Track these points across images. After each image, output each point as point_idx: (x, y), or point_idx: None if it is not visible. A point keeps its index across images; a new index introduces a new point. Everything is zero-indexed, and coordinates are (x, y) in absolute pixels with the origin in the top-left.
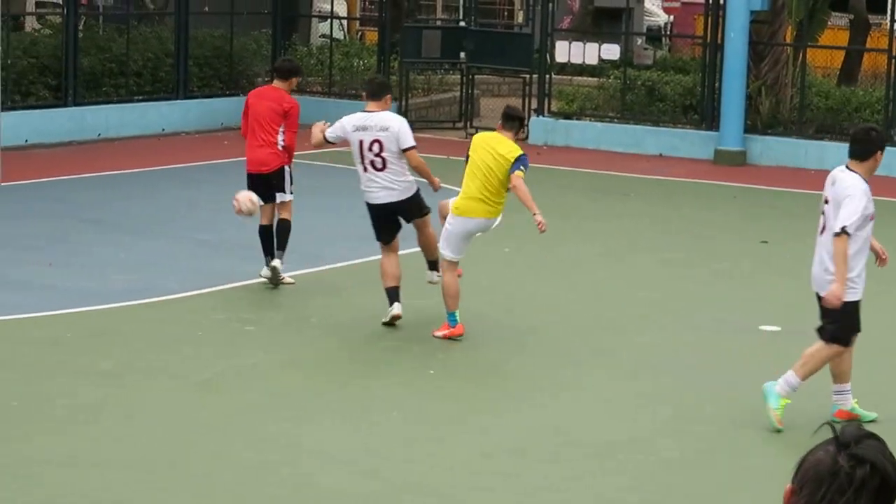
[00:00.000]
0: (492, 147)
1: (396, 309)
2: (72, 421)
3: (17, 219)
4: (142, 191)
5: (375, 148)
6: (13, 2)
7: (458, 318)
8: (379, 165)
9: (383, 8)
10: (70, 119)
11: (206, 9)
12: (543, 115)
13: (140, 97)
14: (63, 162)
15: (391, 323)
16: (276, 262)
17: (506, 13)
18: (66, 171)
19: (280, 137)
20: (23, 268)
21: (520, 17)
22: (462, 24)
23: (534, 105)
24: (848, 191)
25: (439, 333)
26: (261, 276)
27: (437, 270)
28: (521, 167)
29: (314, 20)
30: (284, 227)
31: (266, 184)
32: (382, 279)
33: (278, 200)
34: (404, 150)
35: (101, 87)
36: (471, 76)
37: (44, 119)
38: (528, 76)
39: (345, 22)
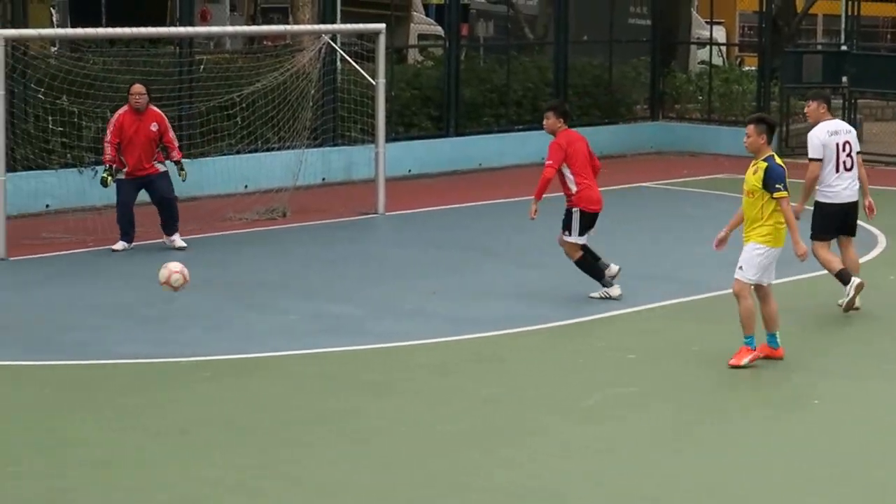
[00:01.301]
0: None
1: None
2: (456, 444)
3: (402, 247)
4: (521, 220)
5: (847, 148)
6: (396, 35)
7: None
8: (849, 165)
9: (763, 33)
10: (451, 149)
11: (585, 38)
12: None
13: (520, 127)
14: (445, 191)
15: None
16: None
17: (889, 35)
18: (448, 200)
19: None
20: (411, 296)
21: None
22: (843, 48)
23: None
24: None
25: (744, 360)
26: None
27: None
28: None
29: (692, 47)
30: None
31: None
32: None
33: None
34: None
35: (482, 118)
36: (853, 100)
37: (426, 149)
38: None
39: (723, 48)
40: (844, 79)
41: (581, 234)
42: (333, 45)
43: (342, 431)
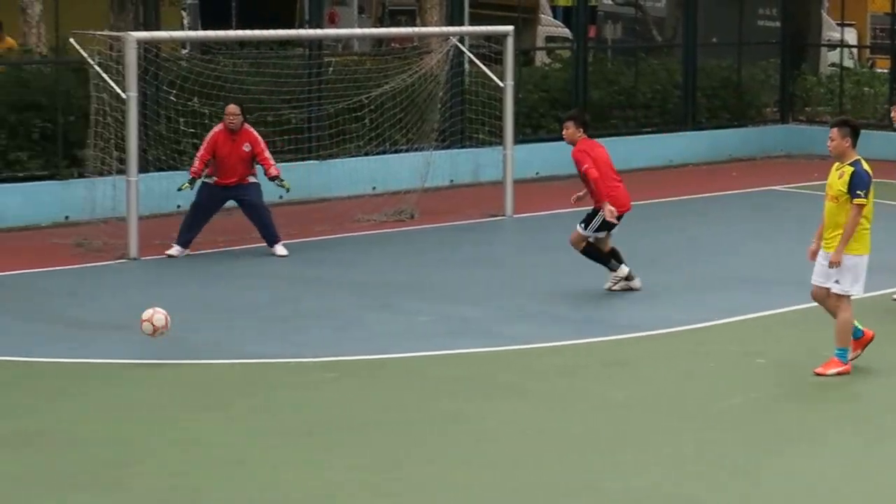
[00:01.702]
0: None
1: None
2: (586, 447)
3: (529, 250)
4: (647, 223)
5: None
6: (524, 37)
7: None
8: None
9: (895, 35)
10: None
11: (714, 40)
12: None
13: (648, 129)
14: (572, 194)
15: None
16: None
17: None
18: (576, 203)
19: None
20: (538, 298)
21: None
22: None
23: None
24: None
25: (832, 371)
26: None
27: None
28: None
29: (823, 49)
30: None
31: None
32: None
33: None
34: None
35: (609, 120)
36: None
37: (553, 152)
38: None
39: (855, 50)
40: None
41: (597, 230)
42: (461, 47)
43: (470, 433)
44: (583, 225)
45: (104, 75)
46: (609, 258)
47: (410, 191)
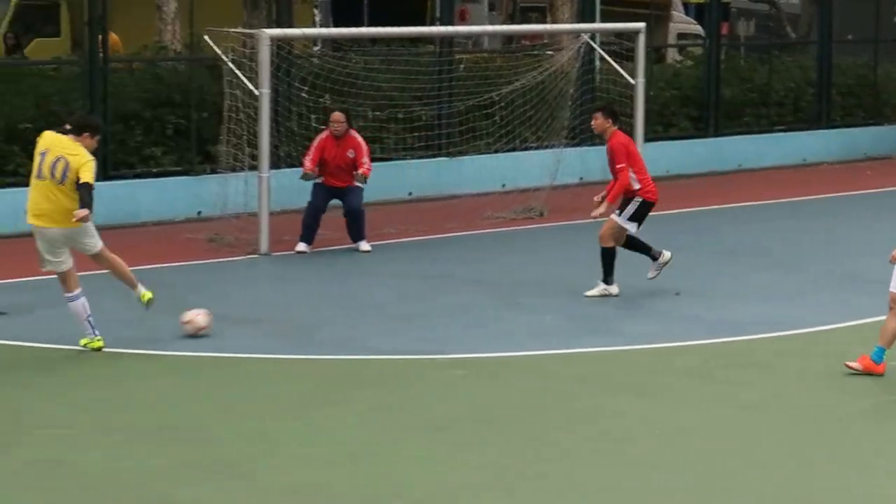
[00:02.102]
0: None
1: None
2: (715, 449)
3: (656, 248)
4: (774, 223)
5: None
6: (656, 34)
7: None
8: None
9: None
10: (709, 149)
11: (850, 37)
12: None
13: (781, 127)
14: (702, 192)
15: None
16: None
17: None
18: (705, 202)
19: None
20: (665, 297)
21: None
22: None
23: None
24: None
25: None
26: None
27: None
28: None
29: None
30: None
31: None
32: None
33: None
34: None
35: (742, 118)
36: None
37: (684, 150)
38: None
39: None
40: None
41: (633, 219)
42: (592, 44)
43: (596, 432)
44: (618, 212)
45: (237, 72)
46: (649, 248)
47: (540, 188)
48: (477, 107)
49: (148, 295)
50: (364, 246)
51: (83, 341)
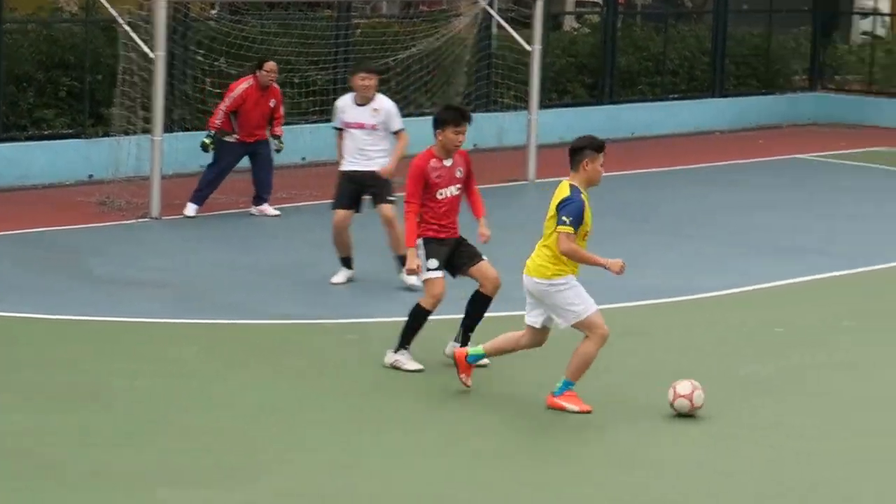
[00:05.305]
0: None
1: None
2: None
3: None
4: (672, 190)
5: None
6: (553, 1)
7: None
8: None
9: None
10: (605, 117)
11: (745, 7)
12: None
13: (675, 95)
14: None
15: None
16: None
17: None
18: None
19: None
20: None
21: None
22: None
23: None
24: None
25: None
26: None
27: None
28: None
29: (855, 17)
30: None
31: None
32: None
33: None
34: None
35: (637, 86)
36: None
37: (579, 117)
38: None
39: (887, 18)
40: None
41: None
42: (490, 10)
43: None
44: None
45: (133, 34)
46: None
47: None
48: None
49: None
50: (270, 210)
51: None
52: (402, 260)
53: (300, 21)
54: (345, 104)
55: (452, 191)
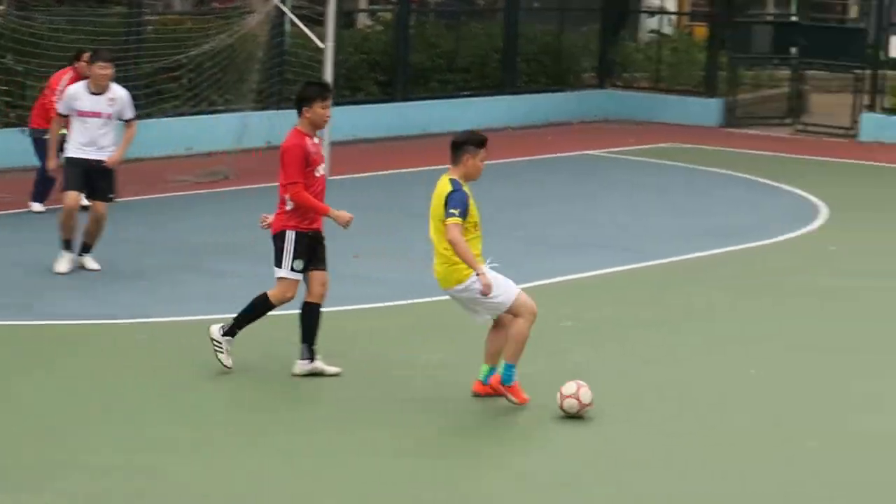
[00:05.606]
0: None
1: None
2: (381, 409)
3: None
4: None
5: None
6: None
7: None
8: None
9: (714, 3)
10: (397, 114)
11: (536, 4)
12: (876, 112)
13: (466, 93)
14: (389, 156)
15: None
16: None
17: (839, 7)
18: (393, 165)
19: None
20: (352, 260)
21: (853, 12)
22: (794, 18)
23: (865, 101)
24: None
25: None
26: None
27: None
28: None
29: (642, 15)
30: None
31: None
32: None
33: None
34: None
35: (429, 83)
36: (801, 72)
37: (371, 114)
38: (860, 72)
39: (673, 17)
40: (793, 50)
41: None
42: (283, 7)
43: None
44: None
45: None
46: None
47: (226, 152)
48: (164, 69)
49: None
50: (37, 206)
51: None
52: (68, 244)
53: (90, 18)
54: (77, 92)
55: (321, 169)
